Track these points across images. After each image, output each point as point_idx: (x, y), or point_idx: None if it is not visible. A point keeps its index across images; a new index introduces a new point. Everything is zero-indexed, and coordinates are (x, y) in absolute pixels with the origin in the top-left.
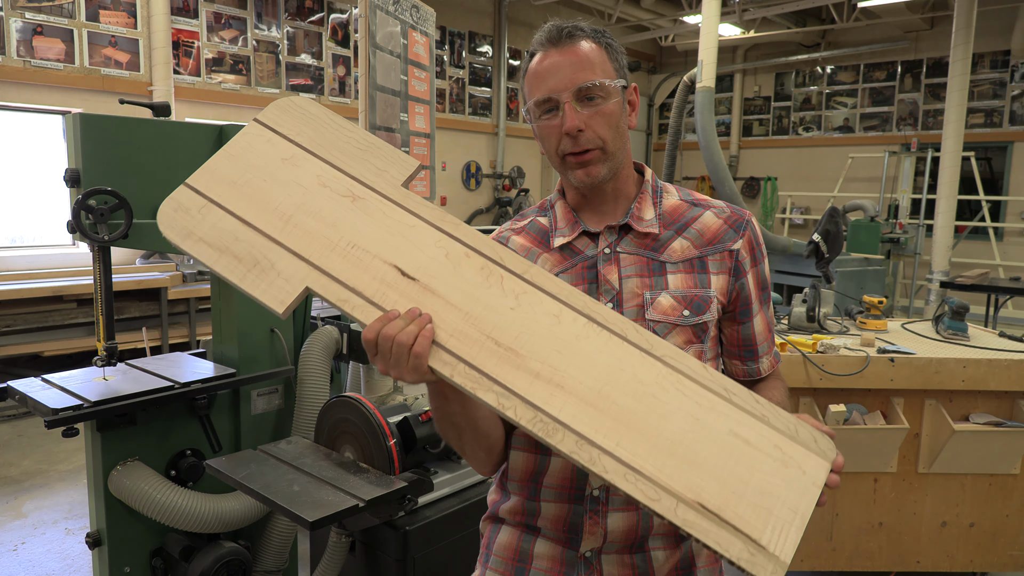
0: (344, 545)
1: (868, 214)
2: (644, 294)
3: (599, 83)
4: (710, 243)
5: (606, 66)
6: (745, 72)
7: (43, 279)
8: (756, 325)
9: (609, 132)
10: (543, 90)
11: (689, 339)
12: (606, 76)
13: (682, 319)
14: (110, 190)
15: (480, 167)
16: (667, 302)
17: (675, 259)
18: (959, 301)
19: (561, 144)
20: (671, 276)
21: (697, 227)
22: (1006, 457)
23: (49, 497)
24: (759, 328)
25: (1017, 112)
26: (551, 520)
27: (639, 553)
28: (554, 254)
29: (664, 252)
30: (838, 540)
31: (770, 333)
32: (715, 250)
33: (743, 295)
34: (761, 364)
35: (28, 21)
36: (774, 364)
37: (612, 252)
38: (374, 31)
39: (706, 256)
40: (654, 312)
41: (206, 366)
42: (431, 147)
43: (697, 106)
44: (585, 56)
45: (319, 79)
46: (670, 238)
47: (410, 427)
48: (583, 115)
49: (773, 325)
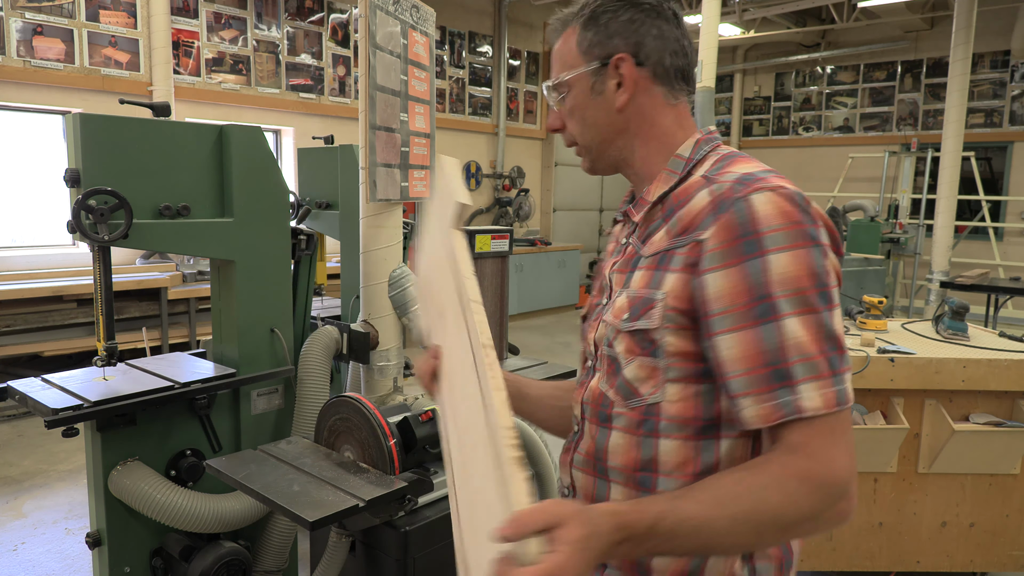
0: (344, 545)
1: (868, 214)
2: (617, 292)
3: (558, 80)
4: (684, 232)
5: (572, 54)
6: (745, 72)
7: (43, 279)
8: (723, 347)
9: (577, 127)
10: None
11: (630, 348)
12: (569, 67)
13: (622, 323)
14: (110, 190)
15: (480, 167)
16: (620, 303)
17: (648, 252)
18: (959, 301)
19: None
20: (637, 272)
21: (682, 211)
22: (1006, 457)
23: (49, 497)
24: (729, 353)
25: (1017, 112)
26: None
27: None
28: (611, 241)
29: (647, 243)
30: (838, 540)
31: (763, 364)
32: (685, 241)
33: (699, 301)
34: (741, 411)
35: (28, 21)
36: (770, 418)
37: (626, 242)
38: (374, 31)
39: (674, 249)
40: (609, 314)
41: (206, 366)
42: (431, 147)
43: (697, 106)
44: (557, 52)
45: (319, 79)
46: (658, 227)
47: (410, 427)
48: (561, 113)
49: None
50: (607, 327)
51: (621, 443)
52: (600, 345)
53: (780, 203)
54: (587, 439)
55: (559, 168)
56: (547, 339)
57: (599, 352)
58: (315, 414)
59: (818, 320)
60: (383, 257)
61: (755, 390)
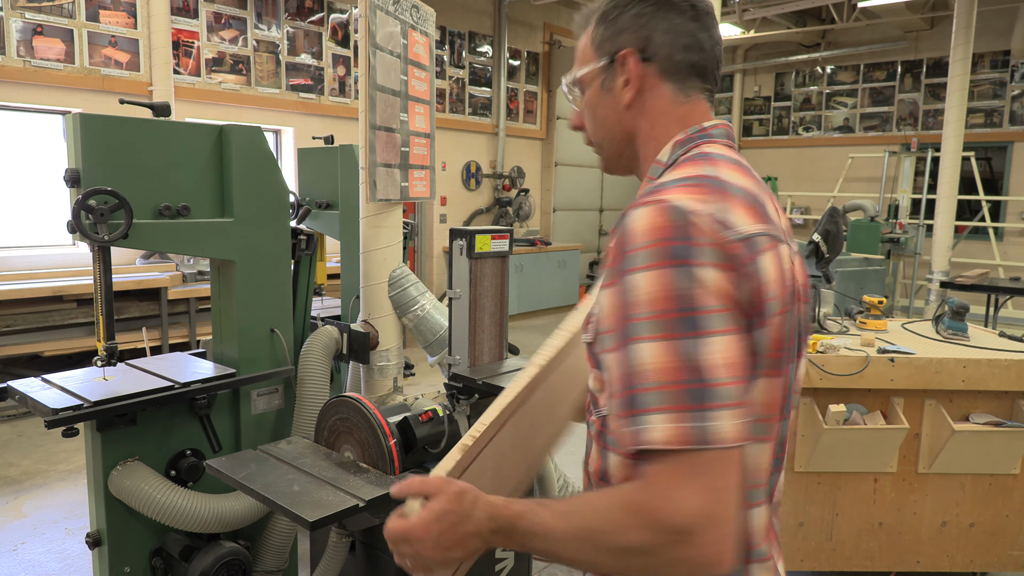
0: (344, 545)
1: (868, 214)
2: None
3: (573, 79)
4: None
5: (587, 51)
6: (745, 72)
7: (43, 279)
8: (606, 368)
9: (591, 124)
10: None
11: (589, 361)
12: (584, 63)
13: (584, 337)
14: (110, 190)
15: (480, 167)
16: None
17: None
18: (959, 301)
19: None
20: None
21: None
22: (1006, 457)
23: (49, 497)
24: (608, 375)
25: (1017, 112)
26: None
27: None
28: None
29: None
30: (838, 540)
31: (622, 388)
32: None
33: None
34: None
35: (28, 21)
36: (628, 443)
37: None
38: (374, 31)
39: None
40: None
41: (206, 366)
42: (431, 147)
43: None
44: (577, 49)
45: (319, 79)
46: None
47: (410, 427)
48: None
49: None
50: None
51: (592, 451)
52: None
53: (653, 218)
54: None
55: (559, 168)
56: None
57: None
58: (315, 414)
59: (676, 348)
60: (383, 257)
61: (618, 413)
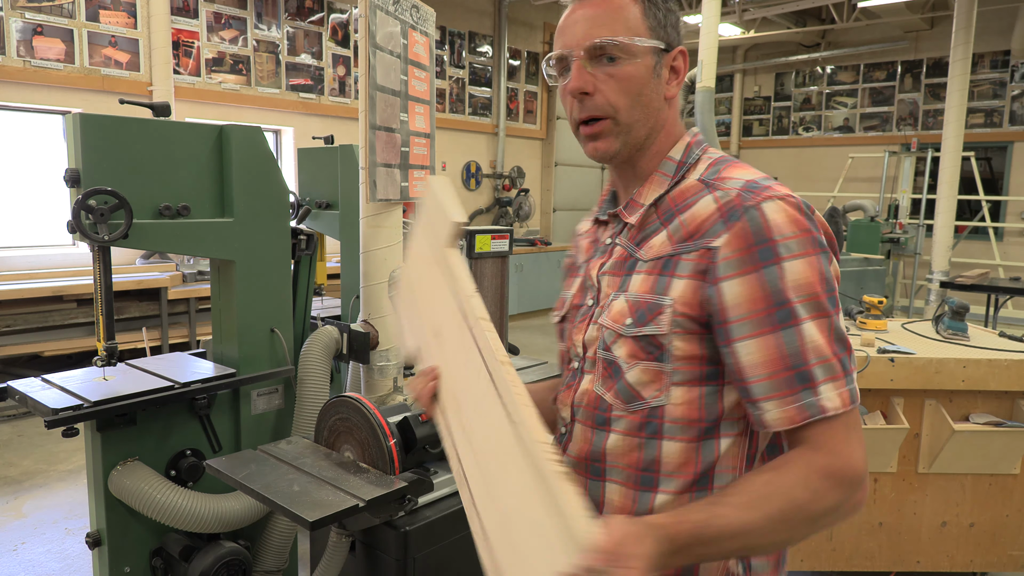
0: (344, 545)
1: (868, 214)
2: (610, 294)
3: (617, 41)
4: (689, 238)
5: (637, 22)
6: (745, 72)
7: (43, 279)
8: (742, 353)
9: (625, 99)
10: (558, 46)
11: (634, 353)
12: (633, 33)
13: (624, 328)
14: (110, 190)
15: (480, 167)
16: (619, 307)
17: (648, 256)
18: (959, 301)
19: (573, 110)
20: (636, 276)
21: (685, 216)
22: (1006, 457)
23: (49, 497)
24: (750, 359)
25: (1017, 112)
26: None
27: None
28: (587, 239)
29: (644, 247)
30: (838, 540)
31: (784, 368)
32: (693, 247)
33: (715, 307)
34: (764, 413)
35: (28, 21)
36: (795, 420)
37: (612, 243)
38: (374, 31)
39: (679, 255)
40: (606, 317)
41: (206, 366)
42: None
43: (697, 106)
44: (612, 8)
45: (319, 79)
46: (655, 230)
47: (410, 427)
48: (594, 76)
49: (798, 357)
50: (603, 330)
51: (621, 445)
52: (591, 348)
53: (791, 212)
54: (578, 441)
55: (559, 168)
56: (547, 339)
57: (588, 354)
58: (315, 414)
59: (830, 323)
60: (383, 257)
61: (778, 393)
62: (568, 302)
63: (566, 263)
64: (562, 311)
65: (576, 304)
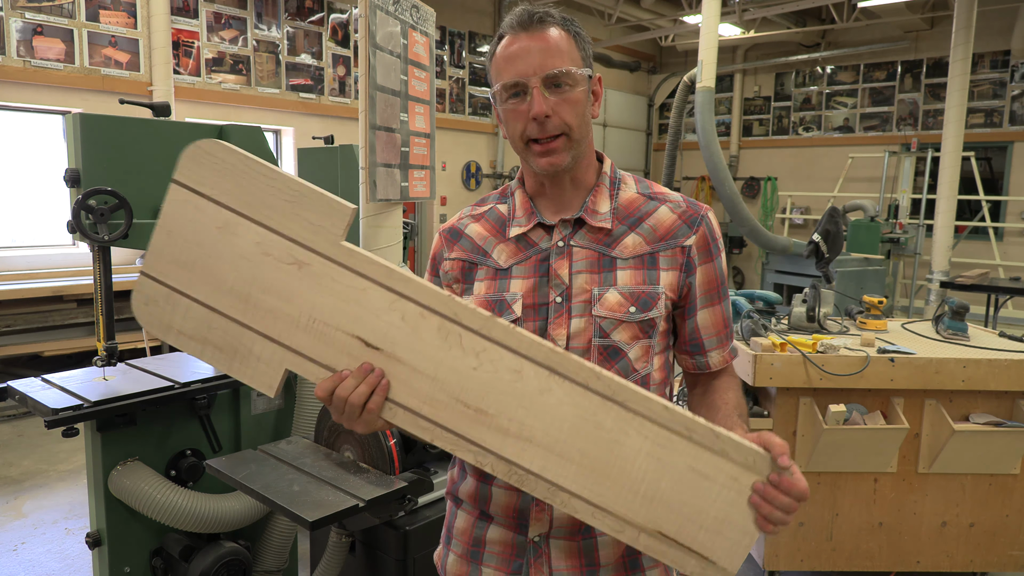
0: (344, 545)
1: (868, 214)
2: (592, 290)
3: (567, 70)
4: (663, 239)
5: (574, 54)
6: (745, 72)
7: (43, 279)
8: (701, 319)
9: (575, 119)
10: (511, 73)
11: (636, 335)
12: (573, 64)
13: (628, 315)
14: (110, 190)
15: (480, 167)
16: (614, 298)
17: (626, 255)
18: (959, 301)
19: (527, 129)
20: (620, 272)
21: (651, 222)
22: (1006, 457)
23: (49, 497)
24: (705, 321)
25: (1017, 112)
26: (502, 507)
27: (586, 539)
28: (509, 244)
29: (616, 247)
30: (838, 540)
31: (724, 327)
32: (667, 246)
33: (690, 289)
34: (710, 358)
35: (28, 21)
36: (727, 360)
37: (565, 246)
38: (374, 31)
39: (658, 252)
40: (601, 308)
41: (206, 366)
42: (431, 147)
43: (697, 106)
44: (555, 43)
45: (319, 79)
46: (623, 233)
47: None
48: (551, 101)
49: (728, 319)
50: (596, 320)
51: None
52: (578, 338)
53: (716, 219)
54: None
55: None
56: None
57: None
58: (315, 414)
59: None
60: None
61: (720, 345)
62: (520, 302)
63: (456, 266)
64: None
65: (533, 303)
